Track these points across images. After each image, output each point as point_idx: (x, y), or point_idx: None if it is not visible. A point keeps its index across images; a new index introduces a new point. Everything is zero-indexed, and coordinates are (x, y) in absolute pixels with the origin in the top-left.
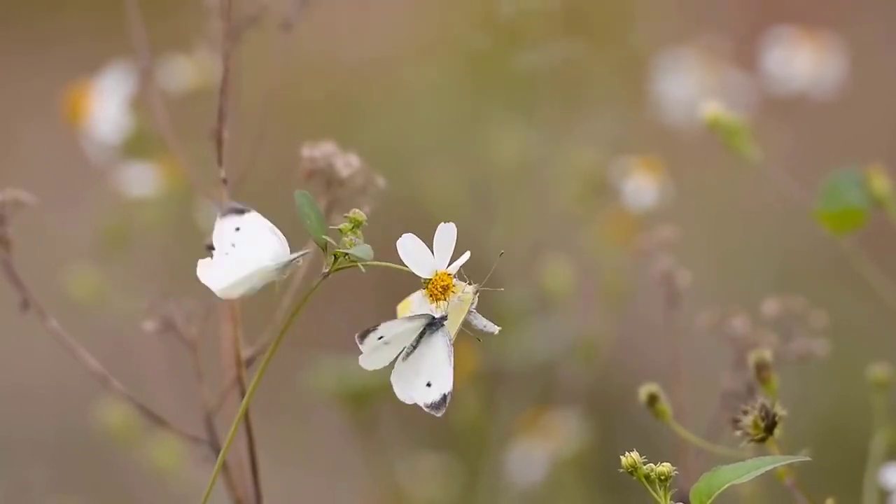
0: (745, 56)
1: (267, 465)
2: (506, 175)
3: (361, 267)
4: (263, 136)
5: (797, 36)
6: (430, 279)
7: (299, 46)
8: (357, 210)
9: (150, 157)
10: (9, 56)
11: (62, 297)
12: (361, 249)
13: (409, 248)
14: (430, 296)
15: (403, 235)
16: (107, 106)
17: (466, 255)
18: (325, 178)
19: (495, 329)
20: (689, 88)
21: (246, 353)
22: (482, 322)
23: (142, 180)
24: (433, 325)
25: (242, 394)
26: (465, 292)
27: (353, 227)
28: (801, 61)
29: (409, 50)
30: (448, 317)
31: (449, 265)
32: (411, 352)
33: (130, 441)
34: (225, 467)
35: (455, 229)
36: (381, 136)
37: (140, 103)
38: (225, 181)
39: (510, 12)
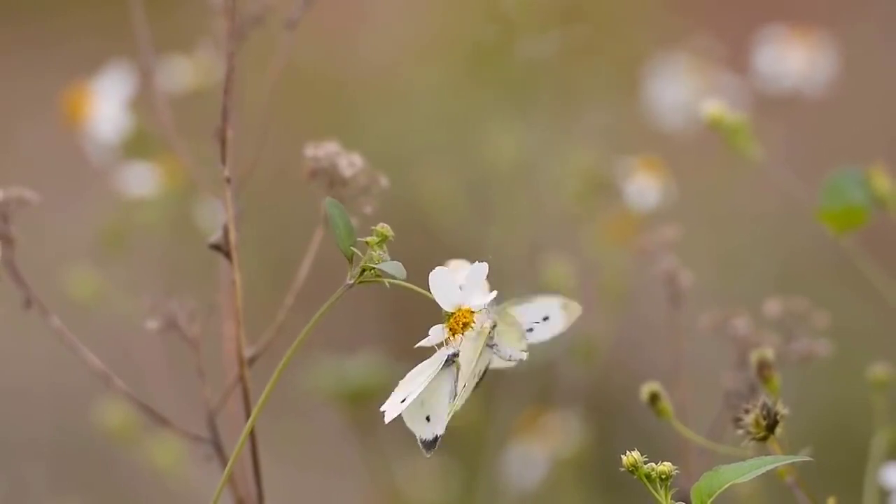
0: (741, 56)
1: (268, 463)
2: (505, 175)
3: (387, 283)
4: (266, 136)
5: (787, 34)
6: (453, 313)
7: (301, 46)
8: (384, 224)
9: (150, 157)
10: (11, 54)
11: (62, 297)
12: (392, 266)
13: (440, 283)
14: (450, 329)
15: (436, 269)
16: (106, 106)
17: (493, 295)
18: (329, 178)
19: (522, 355)
20: (682, 92)
21: (248, 351)
22: (508, 352)
23: (141, 180)
24: (447, 361)
25: (245, 392)
26: (484, 327)
27: (380, 241)
28: (791, 60)
29: (409, 50)
30: (467, 349)
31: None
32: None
33: (130, 441)
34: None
35: (487, 268)
36: (380, 137)
37: (141, 102)
38: (228, 180)
39: (509, 6)
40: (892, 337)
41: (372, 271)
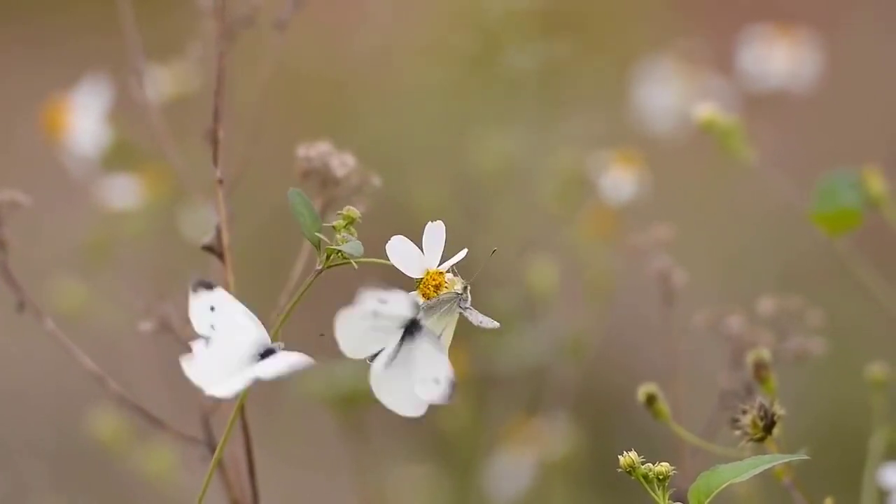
0: (736, 57)
1: (264, 464)
2: (496, 176)
3: (354, 264)
4: (258, 137)
5: (772, 33)
6: (422, 279)
7: (296, 47)
8: (350, 207)
9: (132, 168)
10: (11, 53)
11: (56, 302)
12: (352, 246)
13: (398, 250)
14: (423, 295)
15: (392, 238)
16: (84, 119)
17: (462, 254)
18: (321, 178)
19: (494, 324)
20: (671, 96)
21: None
22: (478, 318)
23: (124, 192)
24: (412, 328)
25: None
26: (455, 289)
27: (346, 224)
28: (776, 58)
29: (403, 52)
30: (442, 319)
31: (442, 264)
32: (394, 357)
33: (127, 445)
34: (221, 467)
35: (443, 227)
36: (372, 138)
37: (131, 107)
38: (220, 181)
39: (499, 13)
40: (891, 337)
41: (338, 254)
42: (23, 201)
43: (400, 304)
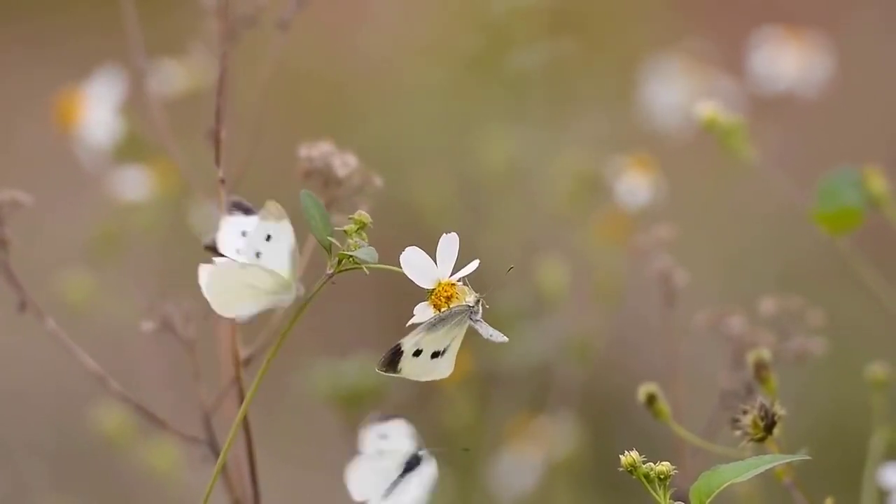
0: (740, 58)
1: (265, 464)
2: (499, 176)
3: (365, 269)
4: (260, 137)
5: (782, 36)
6: (434, 289)
7: (298, 46)
8: (362, 212)
9: (142, 161)
10: (11, 52)
11: (59, 300)
12: (366, 252)
13: (412, 261)
14: (434, 306)
15: (407, 249)
16: (98, 110)
17: (474, 265)
18: (323, 178)
19: (503, 338)
20: (677, 95)
21: (244, 353)
22: (488, 331)
23: (135, 184)
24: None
25: (240, 394)
26: (467, 301)
27: (357, 229)
28: (786, 61)
29: (406, 51)
30: (451, 331)
31: (453, 274)
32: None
33: (128, 444)
34: (223, 467)
35: (457, 239)
36: (375, 138)
37: (134, 105)
38: (223, 181)
39: (502, 12)
40: (891, 337)
41: (350, 259)
42: (23, 201)
43: (402, 438)
